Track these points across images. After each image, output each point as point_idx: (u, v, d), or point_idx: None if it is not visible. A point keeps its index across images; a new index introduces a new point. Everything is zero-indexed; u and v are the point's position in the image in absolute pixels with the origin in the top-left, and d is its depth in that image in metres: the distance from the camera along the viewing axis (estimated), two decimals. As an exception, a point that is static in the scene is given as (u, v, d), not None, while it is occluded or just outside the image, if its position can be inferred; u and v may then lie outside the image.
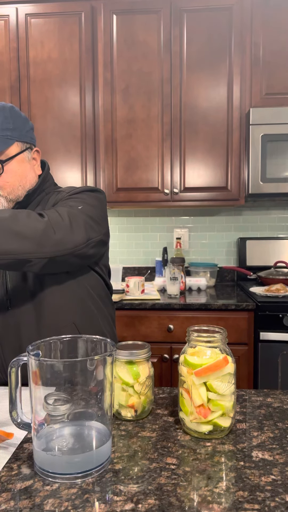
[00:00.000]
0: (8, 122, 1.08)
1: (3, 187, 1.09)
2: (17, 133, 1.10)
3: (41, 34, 2.41)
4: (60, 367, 0.65)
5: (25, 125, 1.13)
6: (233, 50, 2.35)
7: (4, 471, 0.67)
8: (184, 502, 0.59)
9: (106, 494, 0.61)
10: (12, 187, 1.10)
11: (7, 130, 1.08)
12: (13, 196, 1.11)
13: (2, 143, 1.06)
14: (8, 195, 1.10)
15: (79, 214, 1.04)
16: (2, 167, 1.07)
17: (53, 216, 0.99)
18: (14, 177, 1.10)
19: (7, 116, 1.08)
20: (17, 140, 1.10)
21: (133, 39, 2.39)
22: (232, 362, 0.78)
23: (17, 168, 1.11)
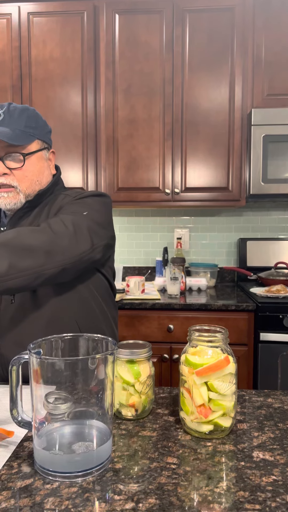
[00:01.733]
0: (31, 121, 1.16)
1: (22, 180, 1.13)
2: (38, 132, 1.17)
3: (43, 33, 2.41)
4: (61, 365, 0.65)
5: (45, 127, 1.21)
6: (235, 50, 2.35)
7: (4, 469, 0.67)
8: (185, 502, 0.58)
9: (106, 493, 0.60)
10: (30, 182, 1.15)
11: (30, 128, 1.14)
12: (30, 191, 1.15)
13: (26, 138, 1.12)
14: (26, 189, 1.14)
15: (83, 220, 1.07)
16: (24, 160, 1.13)
17: (56, 226, 1.02)
18: (32, 171, 1.15)
19: (31, 116, 1.16)
20: (38, 138, 1.17)
21: (135, 39, 2.39)
22: (233, 362, 0.78)
23: (36, 163, 1.16)
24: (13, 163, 1.12)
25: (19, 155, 1.12)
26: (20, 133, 1.11)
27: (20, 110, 1.14)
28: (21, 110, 1.15)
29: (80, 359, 0.68)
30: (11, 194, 1.12)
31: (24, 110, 1.15)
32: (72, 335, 0.75)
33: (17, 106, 1.15)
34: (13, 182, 1.12)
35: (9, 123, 1.11)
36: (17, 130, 1.11)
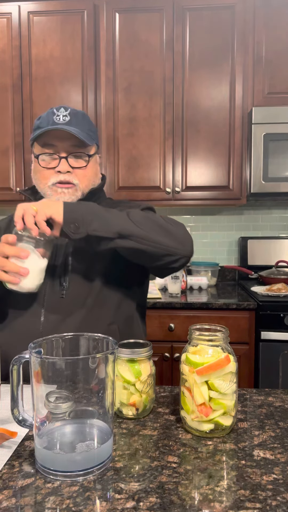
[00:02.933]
0: (91, 125, 1.21)
1: (82, 180, 1.17)
2: (95, 137, 1.22)
3: (43, 32, 2.41)
4: (62, 365, 0.65)
5: (97, 133, 1.26)
6: (235, 49, 2.34)
7: (5, 468, 0.67)
8: (186, 501, 0.59)
9: (107, 492, 0.61)
10: (88, 181, 1.19)
11: (91, 131, 1.19)
12: (86, 190, 1.19)
13: (90, 139, 1.16)
14: (84, 188, 1.18)
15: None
16: (89, 160, 1.17)
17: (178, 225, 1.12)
18: (91, 173, 1.19)
19: (90, 120, 1.21)
20: (96, 143, 1.22)
21: (135, 38, 2.38)
22: (234, 361, 0.78)
23: (94, 165, 1.21)
24: (77, 163, 1.16)
25: (85, 155, 1.16)
26: (86, 135, 1.15)
27: (81, 114, 1.19)
28: (82, 114, 1.19)
29: (81, 358, 0.68)
30: (71, 190, 1.15)
31: (85, 115, 1.20)
32: (73, 334, 0.75)
33: (77, 110, 1.19)
34: (74, 180, 1.15)
35: (77, 124, 1.14)
36: (84, 132, 1.15)
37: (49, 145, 1.14)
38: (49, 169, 1.15)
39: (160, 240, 1.04)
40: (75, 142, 1.13)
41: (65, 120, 1.13)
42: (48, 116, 1.15)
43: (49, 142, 1.14)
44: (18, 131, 2.46)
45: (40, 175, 1.17)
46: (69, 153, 1.14)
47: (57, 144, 1.13)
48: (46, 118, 1.16)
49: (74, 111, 1.17)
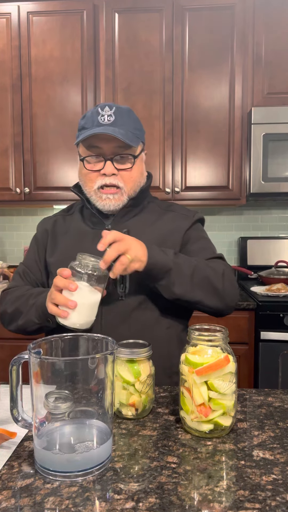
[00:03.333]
0: (137, 122, 1.17)
1: (128, 182, 1.15)
2: (141, 134, 1.18)
3: (43, 33, 2.41)
4: (61, 365, 0.65)
5: (143, 129, 1.21)
6: (235, 49, 2.34)
7: (5, 469, 0.67)
8: (185, 501, 0.59)
9: (106, 493, 0.60)
10: (134, 183, 1.16)
11: (137, 130, 1.15)
12: (132, 192, 1.17)
13: (135, 140, 1.13)
14: (130, 190, 1.16)
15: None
16: (134, 161, 1.14)
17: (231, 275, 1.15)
18: (137, 173, 1.17)
19: (135, 118, 1.17)
20: (141, 141, 1.18)
21: (135, 38, 2.38)
22: (233, 361, 0.78)
23: (140, 165, 1.18)
24: (122, 165, 1.13)
25: (130, 157, 1.13)
26: (132, 135, 1.12)
27: (127, 111, 1.15)
28: (127, 111, 1.15)
29: (80, 359, 0.68)
30: (116, 196, 1.14)
31: (130, 111, 1.16)
32: (72, 335, 0.75)
33: (122, 107, 1.15)
34: (120, 183, 1.13)
35: (122, 124, 1.11)
36: (129, 132, 1.12)
37: (94, 147, 1.12)
38: (94, 172, 1.14)
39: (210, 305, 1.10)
40: (120, 143, 1.10)
41: (110, 121, 1.10)
42: (93, 116, 1.12)
43: (94, 144, 1.12)
44: (18, 131, 2.46)
45: (86, 178, 1.16)
46: (114, 154, 1.11)
47: (102, 146, 1.11)
48: (90, 118, 1.13)
49: (119, 110, 1.13)
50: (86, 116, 1.15)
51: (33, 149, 2.46)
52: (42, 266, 1.25)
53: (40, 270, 1.26)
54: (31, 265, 1.26)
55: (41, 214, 2.85)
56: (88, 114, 1.15)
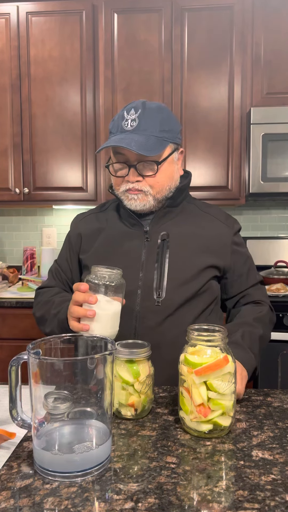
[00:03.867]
0: (165, 124, 1.12)
1: (154, 186, 1.13)
2: (171, 135, 1.13)
3: (42, 33, 2.41)
4: (60, 365, 0.65)
5: (177, 127, 1.17)
6: (234, 49, 2.34)
7: (4, 469, 0.67)
8: (184, 501, 0.59)
9: (106, 493, 0.60)
10: (161, 187, 1.14)
11: (164, 132, 1.11)
12: (160, 196, 1.15)
13: (160, 145, 1.10)
14: (157, 194, 1.14)
15: None
16: (158, 168, 1.11)
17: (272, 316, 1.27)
18: (164, 177, 1.14)
19: (165, 118, 1.12)
20: (171, 142, 1.14)
21: (134, 38, 2.38)
22: (232, 361, 0.78)
23: (167, 169, 1.15)
24: (145, 171, 1.12)
25: (153, 163, 1.11)
26: (155, 141, 1.09)
27: (155, 112, 1.11)
28: (156, 111, 1.11)
29: (79, 359, 0.68)
30: (140, 195, 1.13)
31: (158, 111, 1.12)
32: (71, 335, 0.75)
33: (152, 106, 1.11)
34: (144, 187, 1.13)
35: (145, 129, 1.09)
36: (152, 137, 1.09)
37: (118, 154, 1.12)
38: (119, 177, 1.15)
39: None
40: None
41: (133, 126, 1.09)
42: (118, 121, 1.12)
43: (118, 150, 1.12)
44: (17, 131, 2.46)
45: (114, 182, 1.19)
46: (138, 161, 1.10)
47: (125, 153, 1.10)
48: (116, 122, 1.13)
49: (146, 112, 1.09)
50: (114, 119, 1.15)
51: (32, 149, 2.46)
52: (74, 266, 1.27)
53: (71, 270, 1.27)
54: (62, 264, 1.28)
55: (40, 214, 2.85)
56: (116, 117, 1.15)
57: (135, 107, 1.10)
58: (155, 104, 1.13)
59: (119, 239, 1.19)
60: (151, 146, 1.07)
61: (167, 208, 1.19)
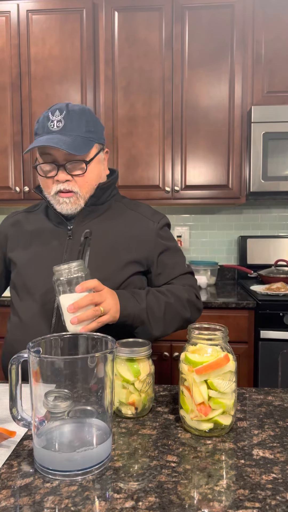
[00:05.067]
0: (90, 124, 1.15)
1: (83, 186, 1.15)
2: (96, 136, 1.16)
3: (42, 31, 2.40)
4: (60, 364, 0.65)
5: (101, 128, 1.20)
6: (234, 48, 2.34)
7: (4, 468, 0.67)
8: (185, 500, 0.58)
9: (106, 492, 0.60)
10: (90, 187, 1.17)
11: (89, 132, 1.14)
12: (88, 195, 1.17)
13: (87, 145, 1.12)
14: (86, 194, 1.16)
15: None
16: (86, 167, 1.13)
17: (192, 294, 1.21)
18: (93, 176, 1.16)
19: (89, 120, 1.14)
20: (97, 142, 1.16)
21: (134, 37, 2.38)
22: (233, 360, 0.77)
23: (95, 168, 1.17)
24: (74, 171, 1.13)
25: (81, 162, 1.12)
26: (82, 141, 1.10)
27: (79, 113, 1.13)
28: (80, 113, 1.13)
29: (80, 357, 0.68)
30: (72, 199, 1.14)
31: (82, 112, 1.14)
32: (71, 334, 0.74)
33: (75, 108, 1.13)
34: (74, 188, 1.14)
35: (71, 130, 1.10)
36: (79, 137, 1.10)
37: (46, 154, 1.13)
38: (49, 178, 1.15)
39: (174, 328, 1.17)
40: None
41: (59, 127, 1.10)
42: (44, 122, 1.12)
43: (45, 151, 1.12)
44: (17, 130, 2.45)
45: (43, 184, 1.18)
46: (67, 161, 1.12)
47: (53, 153, 1.11)
48: (42, 123, 1.13)
49: (70, 113, 1.11)
50: (39, 120, 1.15)
51: (33, 148, 2.45)
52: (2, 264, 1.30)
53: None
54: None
55: (41, 213, 2.85)
56: (40, 118, 1.15)
57: (59, 108, 1.12)
58: (78, 106, 1.15)
59: (44, 238, 1.21)
60: (78, 146, 1.09)
61: (91, 207, 1.19)
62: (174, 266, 1.24)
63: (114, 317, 1.01)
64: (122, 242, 1.19)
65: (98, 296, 0.97)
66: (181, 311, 1.16)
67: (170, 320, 1.13)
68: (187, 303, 1.17)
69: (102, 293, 0.99)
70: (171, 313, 1.13)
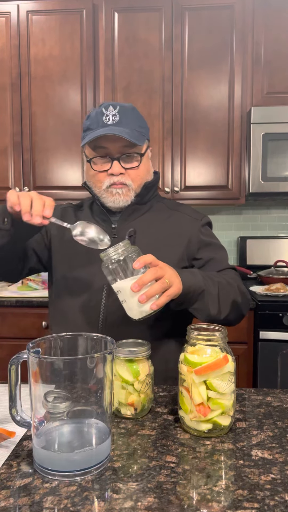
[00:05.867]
0: (141, 120, 1.17)
1: (135, 180, 1.15)
2: (146, 132, 1.18)
3: (42, 31, 2.41)
4: (60, 364, 0.65)
5: (147, 126, 1.21)
6: (234, 48, 2.34)
7: (3, 468, 0.67)
8: (184, 501, 0.59)
9: (105, 492, 0.60)
10: (141, 181, 1.17)
11: (141, 128, 1.15)
12: (139, 190, 1.17)
13: (141, 139, 1.13)
14: (137, 188, 1.16)
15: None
16: (141, 160, 1.14)
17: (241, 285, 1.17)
18: (144, 171, 1.17)
19: (139, 117, 1.17)
20: (147, 138, 1.18)
21: (134, 37, 2.38)
22: (232, 361, 0.78)
23: (146, 163, 1.18)
24: (129, 164, 1.13)
25: (136, 155, 1.13)
26: (137, 134, 1.12)
27: (131, 109, 1.14)
28: (131, 109, 1.15)
29: (79, 358, 0.68)
30: (124, 190, 1.14)
31: (134, 109, 1.16)
32: (71, 334, 0.75)
33: (125, 105, 1.14)
34: (127, 181, 1.14)
35: (126, 124, 1.11)
36: (135, 130, 1.11)
37: (100, 148, 1.12)
38: (102, 172, 1.14)
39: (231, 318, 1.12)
40: (126, 143, 1.10)
41: (115, 120, 1.10)
42: (97, 117, 1.12)
43: (100, 144, 1.12)
44: (17, 130, 2.45)
45: (94, 179, 1.17)
46: (121, 154, 1.12)
47: (108, 146, 1.11)
48: (95, 118, 1.13)
49: (123, 108, 1.12)
50: (90, 116, 1.15)
51: (32, 148, 2.46)
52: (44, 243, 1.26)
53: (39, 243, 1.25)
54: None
55: (40, 213, 2.85)
56: (92, 114, 1.15)
57: (113, 105, 1.13)
58: (127, 104, 1.17)
59: None
60: (136, 137, 1.10)
61: (135, 206, 1.19)
62: (217, 260, 1.22)
63: (179, 288, 0.95)
64: (166, 240, 1.18)
65: (159, 269, 0.91)
66: (233, 295, 1.11)
67: (224, 301, 1.08)
68: (237, 288, 1.13)
69: (162, 266, 0.93)
70: (224, 294, 1.08)
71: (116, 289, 0.92)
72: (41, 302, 2.16)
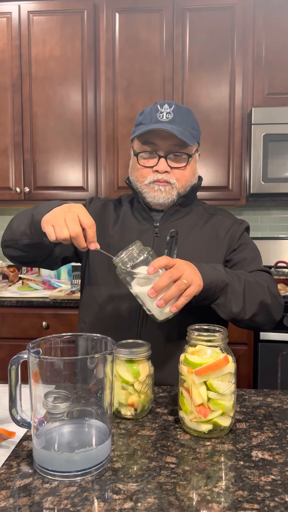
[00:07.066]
0: (195, 122, 1.17)
1: (180, 180, 1.14)
2: (198, 135, 1.18)
3: (43, 32, 2.41)
4: (60, 365, 0.65)
5: (200, 130, 1.20)
6: (235, 49, 2.34)
7: (3, 468, 0.67)
8: (184, 501, 0.59)
9: (105, 493, 0.60)
10: (186, 181, 1.16)
11: (193, 130, 1.15)
12: (183, 190, 1.16)
13: (192, 140, 1.12)
14: (180, 188, 1.15)
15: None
16: (188, 161, 1.14)
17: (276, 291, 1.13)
18: (189, 173, 1.16)
19: (193, 119, 1.16)
20: (197, 141, 1.17)
21: (135, 38, 2.38)
22: (232, 362, 0.78)
23: (193, 165, 1.18)
24: (176, 163, 1.13)
25: (184, 155, 1.13)
26: (189, 134, 1.11)
27: (186, 110, 1.15)
28: (187, 110, 1.15)
29: (79, 358, 0.68)
30: (167, 188, 1.13)
31: (189, 111, 1.16)
32: (71, 334, 0.75)
33: (181, 106, 1.15)
34: (172, 179, 1.13)
35: (180, 123, 1.11)
36: (186, 130, 1.11)
37: (149, 143, 1.12)
38: (147, 168, 1.14)
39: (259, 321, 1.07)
40: (176, 142, 1.09)
41: (169, 118, 1.10)
42: (152, 113, 1.12)
43: (150, 140, 1.11)
44: (18, 131, 2.46)
45: (138, 173, 1.16)
46: (169, 152, 1.11)
47: (158, 142, 1.11)
48: (149, 114, 1.13)
49: (178, 108, 1.12)
50: (144, 112, 1.15)
51: (33, 148, 2.46)
52: None
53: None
54: None
55: (41, 213, 2.85)
56: (146, 110, 1.15)
57: (168, 103, 1.13)
58: (185, 105, 1.17)
59: (129, 231, 1.19)
60: (187, 137, 1.10)
61: (178, 207, 1.19)
62: (251, 260, 1.20)
63: (199, 285, 0.92)
64: (207, 243, 1.18)
65: (175, 270, 0.88)
66: (262, 295, 1.06)
67: (250, 300, 1.03)
68: (267, 289, 1.08)
69: (178, 266, 0.90)
70: (250, 292, 1.04)
71: (134, 294, 0.91)
72: (42, 302, 2.16)
